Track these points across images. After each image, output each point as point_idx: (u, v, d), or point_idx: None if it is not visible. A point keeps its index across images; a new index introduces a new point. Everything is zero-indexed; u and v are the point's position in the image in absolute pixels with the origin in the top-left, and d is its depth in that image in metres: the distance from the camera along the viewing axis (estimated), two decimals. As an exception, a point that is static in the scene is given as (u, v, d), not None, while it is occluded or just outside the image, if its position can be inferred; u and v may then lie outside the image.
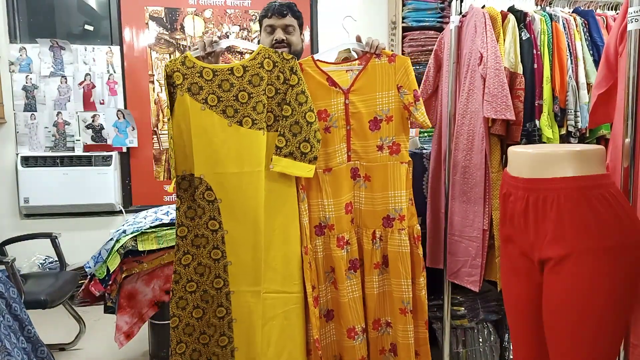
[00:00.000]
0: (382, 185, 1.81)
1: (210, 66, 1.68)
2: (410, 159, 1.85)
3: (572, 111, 2.07)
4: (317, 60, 1.80)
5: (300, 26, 1.97)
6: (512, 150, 1.30)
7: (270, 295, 1.71)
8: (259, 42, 2.02)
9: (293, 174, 1.69)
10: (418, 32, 3.44)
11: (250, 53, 1.74)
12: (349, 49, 2.69)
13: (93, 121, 3.62)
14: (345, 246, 1.80)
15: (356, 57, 1.87)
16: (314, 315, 1.74)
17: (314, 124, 1.68)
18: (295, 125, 1.65)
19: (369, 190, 1.82)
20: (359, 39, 1.82)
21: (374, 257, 1.81)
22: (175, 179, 1.71)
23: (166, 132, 3.75)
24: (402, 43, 3.50)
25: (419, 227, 1.86)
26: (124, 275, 2.26)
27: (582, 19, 2.16)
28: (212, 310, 1.75)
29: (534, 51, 2.03)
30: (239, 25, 3.76)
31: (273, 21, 1.92)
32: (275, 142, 1.66)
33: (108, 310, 2.49)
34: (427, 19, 3.46)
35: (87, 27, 3.68)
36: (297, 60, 1.87)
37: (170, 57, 3.71)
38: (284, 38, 1.90)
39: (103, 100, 3.63)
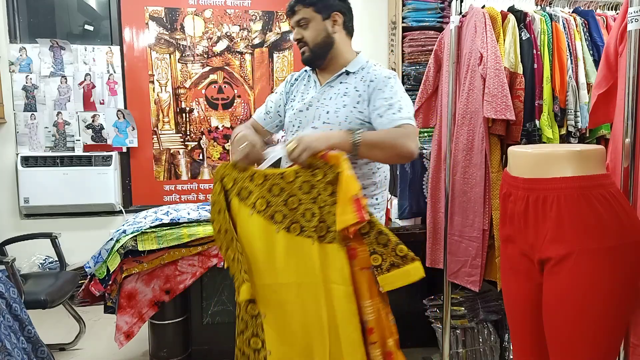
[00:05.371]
0: None
1: (262, 170, 1.50)
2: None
3: (572, 111, 2.08)
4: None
5: (322, 10, 1.64)
6: (512, 150, 1.30)
7: None
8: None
9: (411, 282, 1.42)
10: (418, 32, 3.44)
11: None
12: None
13: (93, 121, 3.62)
14: None
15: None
16: None
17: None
18: (381, 236, 1.43)
19: None
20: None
21: None
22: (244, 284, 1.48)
23: (166, 132, 3.75)
24: (402, 43, 3.49)
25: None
26: (124, 275, 2.26)
27: (582, 19, 2.16)
28: None
29: (534, 51, 2.03)
30: (239, 25, 3.76)
31: (290, 22, 1.72)
32: (330, 256, 1.43)
33: (108, 310, 2.49)
34: (427, 19, 3.46)
35: (87, 27, 3.68)
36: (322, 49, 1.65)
37: (170, 57, 3.71)
38: (299, 37, 1.68)
39: (103, 100, 3.62)
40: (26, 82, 3.51)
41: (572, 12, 2.20)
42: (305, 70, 1.81)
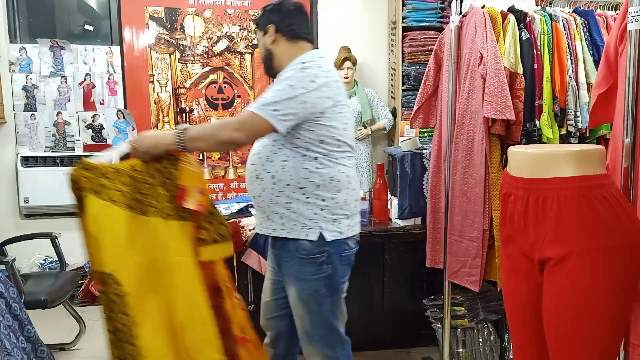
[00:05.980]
0: None
1: (112, 165, 1.68)
2: None
3: (572, 111, 2.08)
4: None
5: (262, 27, 1.76)
6: (512, 150, 1.30)
7: None
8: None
9: (222, 256, 1.70)
10: (418, 32, 3.45)
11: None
12: (347, 48, 2.56)
13: (93, 121, 3.62)
14: None
15: None
16: None
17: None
18: (211, 216, 1.69)
19: None
20: None
21: None
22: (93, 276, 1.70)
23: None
24: (402, 43, 3.50)
25: None
26: (124, 275, 2.25)
27: (582, 19, 2.16)
28: None
29: (534, 51, 2.03)
30: (239, 25, 3.76)
31: None
32: (175, 231, 1.66)
33: (108, 310, 2.48)
34: (427, 19, 3.46)
35: (87, 27, 3.68)
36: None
37: (170, 57, 3.72)
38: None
39: (103, 100, 3.63)
40: (26, 82, 3.51)
41: (572, 12, 2.20)
42: None
